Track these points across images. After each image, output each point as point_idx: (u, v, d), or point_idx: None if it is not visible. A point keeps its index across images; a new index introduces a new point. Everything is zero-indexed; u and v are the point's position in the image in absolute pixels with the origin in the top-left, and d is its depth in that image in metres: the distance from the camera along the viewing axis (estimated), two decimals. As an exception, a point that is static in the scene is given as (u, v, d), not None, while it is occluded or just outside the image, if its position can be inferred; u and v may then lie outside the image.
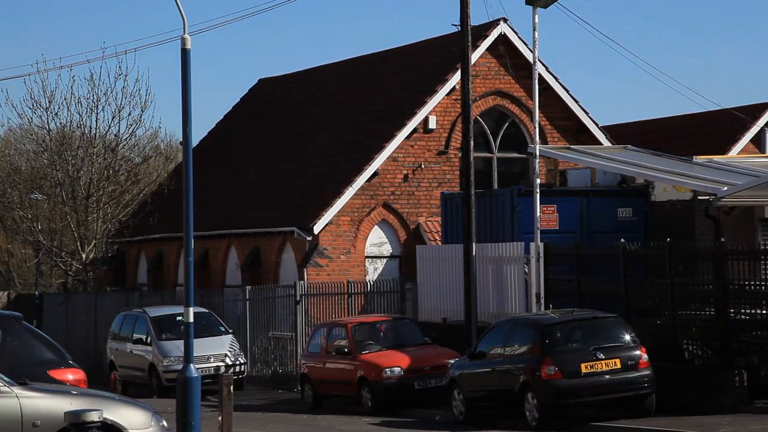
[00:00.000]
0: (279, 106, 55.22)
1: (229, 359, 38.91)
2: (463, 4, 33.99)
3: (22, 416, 14.45)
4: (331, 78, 53.39)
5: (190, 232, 23.84)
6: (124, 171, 56.50)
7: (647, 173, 35.83)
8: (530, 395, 27.29)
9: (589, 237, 34.32)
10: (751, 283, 29.18)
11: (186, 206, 23.70)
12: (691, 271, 30.48)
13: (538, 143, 34.98)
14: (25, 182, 57.97)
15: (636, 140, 43.49)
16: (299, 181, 46.81)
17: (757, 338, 28.63)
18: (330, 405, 33.97)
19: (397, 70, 48.44)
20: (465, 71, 34.83)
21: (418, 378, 32.32)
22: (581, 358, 27.14)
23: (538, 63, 34.86)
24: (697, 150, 39.05)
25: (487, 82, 44.72)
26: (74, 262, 56.23)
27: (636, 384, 27.19)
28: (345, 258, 43.73)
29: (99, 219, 55.23)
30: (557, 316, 28.99)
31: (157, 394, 37.79)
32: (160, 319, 40.55)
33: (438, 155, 44.80)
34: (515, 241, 34.20)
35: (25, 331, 21.58)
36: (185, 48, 23.80)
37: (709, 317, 29.48)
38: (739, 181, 31.76)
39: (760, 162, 37.31)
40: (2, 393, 14.50)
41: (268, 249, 46.44)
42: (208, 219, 44.74)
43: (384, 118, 45.56)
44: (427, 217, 44.09)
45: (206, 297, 43.34)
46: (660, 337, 29.16)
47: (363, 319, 35.80)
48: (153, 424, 15.30)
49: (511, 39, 44.83)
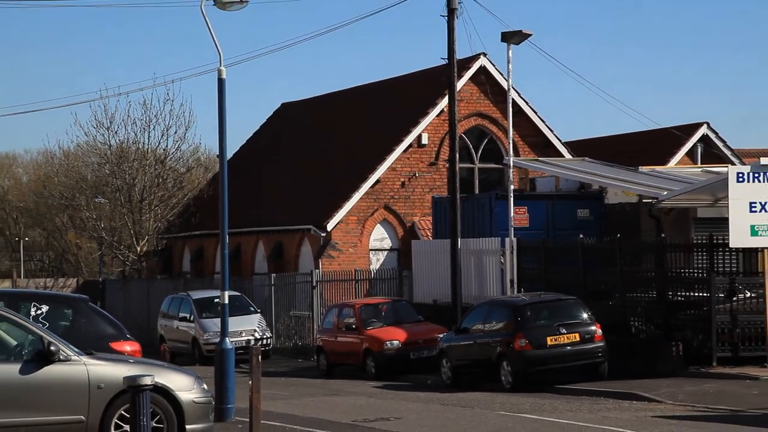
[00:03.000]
0: (298, 126, 55.19)
1: (258, 334, 38.93)
2: (450, 42, 34.01)
3: (89, 380, 14.48)
4: (341, 102, 53.34)
5: (225, 229, 23.90)
6: (171, 179, 56.45)
7: (601, 180, 35.89)
8: (505, 363, 27.35)
9: (553, 233, 34.35)
10: (685, 270, 29.27)
11: (222, 208, 23.76)
12: (637, 261, 30.57)
13: (511, 156, 35.09)
14: (91, 188, 57.99)
15: (592, 153, 43.48)
16: (314, 188, 46.82)
17: (690, 316, 28.69)
18: (340, 372, 33.98)
19: (396, 95, 48.39)
20: (451, 97, 34.85)
21: (413, 349, 32.33)
22: (547, 333, 27.20)
23: (512, 90, 34.88)
24: (642, 161, 39.03)
25: (470, 105, 44.73)
26: (131, 254, 56.22)
27: (592, 354, 27.27)
28: (353, 251, 43.77)
29: (151, 219, 55.22)
30: (527, 298, 29.05)
31: (198, 363, 37.82)
32: (201, 301, 40.56)
33: (429, 166, 44.83)
34: (493, 236, 34.20)
35: (91, 311, 21.63)
36: (221, 78, 23.83)
37: (651, 299, 29.55)
38: (676, 187, 31.80)
39: (693, 171, 37.35)
40: (73, 361, 14.54)
41: (289, 243, 46.47)
42: (239, 219, 44.74)
43: (384, 135, 45.57)
44: (420, 216, 44.11)
45: (238, 283, 43.33)
46: (612, 315, 29.18)
47: (368, 301, 35.83)
48: (195, 386, 15.34)
49: (489, 70, 44.84)
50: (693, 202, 32.35)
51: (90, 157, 58.87)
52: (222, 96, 23.79)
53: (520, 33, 32.17)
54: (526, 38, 32.39)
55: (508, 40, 32.22)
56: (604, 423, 20.02)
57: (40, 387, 14.28)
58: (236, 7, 24.13)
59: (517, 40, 32.28)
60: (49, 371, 14.36)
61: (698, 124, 47.93)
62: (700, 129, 47.63)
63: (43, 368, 14.35)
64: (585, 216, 35.28)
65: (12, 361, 14.44)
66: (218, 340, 23.48)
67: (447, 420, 21.42)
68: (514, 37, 32.18)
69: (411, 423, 20.94)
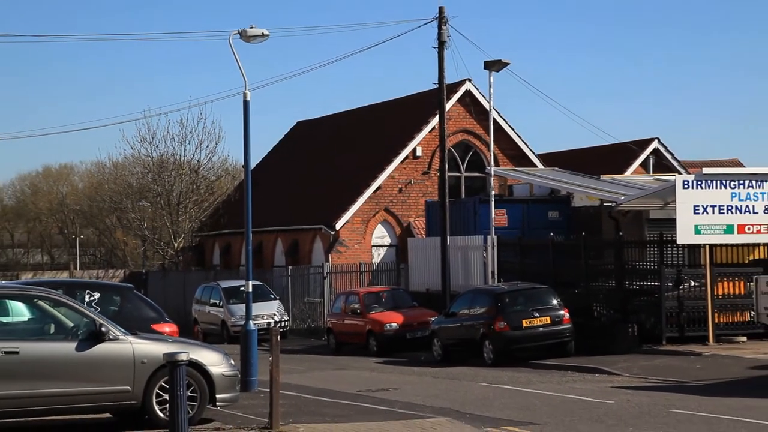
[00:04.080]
0: (311, 141, 55.19)
1: (277, 317, 38.90)
2: (440, 69, 34.01)
3: (134, 356, 14.47)
4: (347, 120, 53.37)
5: (249, 228, 23.90)
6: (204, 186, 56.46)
7: (568, 187, 35.89)
8: (487, 342, 27.35)
9: (528, 232, 34.33)
10: (640, 263, 29.27)
11: (246, 210, 23.77)
12: (599, 256, 30.55)
13: (492, 166, 35.09)
14: (135, 194, 58.01)
15: (561, 164, 43.53)
16: (325, 193, 46.81)
17: (644, 302, 28.71)
18: (347, 349, 33.99)
19: (394, 114, 48.42)
20: (441, 116, 34.86)
21: (409, 330, 32.34)
22: (523, 317, 27.19)
23: (493, 110, 34.89)
24: (603, 171, 39.04)
25: (457, 123, 44.73)
26: (169, 250, 56.23)
27: (561, 334, 27.26)
28: (357, 247, 43.76)
29: (186, 219, 55.22)
30: (506, 287, 29.03)
31: (226, 342, 37.79)
32: (228, 290, 40.55)
33: (423, 174, 44.82)
34: (477, 235, 34.23)
35: (136, 298, 21.62)
36: (246, 101, 23.84)
37: (611, 287, 29.54)
38: (632, 193, 31.80)
39: (646, 179, 37.37)
40: (120, 340, 14.54)
41: (303, 240, 46.46)
42: (261, 220, 44.74)
43: (384, 148, 45.57)
44: (415, 217, 44.09)
45: (260, 274, 43.34)
46: (577, 301, 29.17)
47: (370, 289, 35.85)
48: (224, 362, 15.33)
49: (473, 93, 44.83)
50: (646, 206, 32.37)
51: (135, 167, 58.90)
52: (246, 115, 23.80)
53: (500, 62, 32.17)
54: (505, 66, 32.39)
55: (489, 68, 32.23)
56: (570, 393, 20.02)
57: (93, 362, 14.28)
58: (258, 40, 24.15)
59: (497, 67, 32.29)
60: (101, 349, 14.36)
61: (651, 139, 48.00)
62: (652, 143, 47.72)
63: (96, 346, 14.35)
64: (555, 217, 35.28)
65: (69, 339, 14.44)
66: (243, 323, 23.51)
67: (438, 390, 21.42)
68: (494, 65, 32.18)
69: (407, 393, 20.94)
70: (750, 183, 26.60)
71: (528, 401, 18.86)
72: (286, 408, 16.59)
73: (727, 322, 27.47)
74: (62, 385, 14.10)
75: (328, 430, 14.83)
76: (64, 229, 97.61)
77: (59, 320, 14.74)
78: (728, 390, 19.68)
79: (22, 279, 62.02)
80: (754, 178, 26.79)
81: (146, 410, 14.51)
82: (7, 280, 56.00)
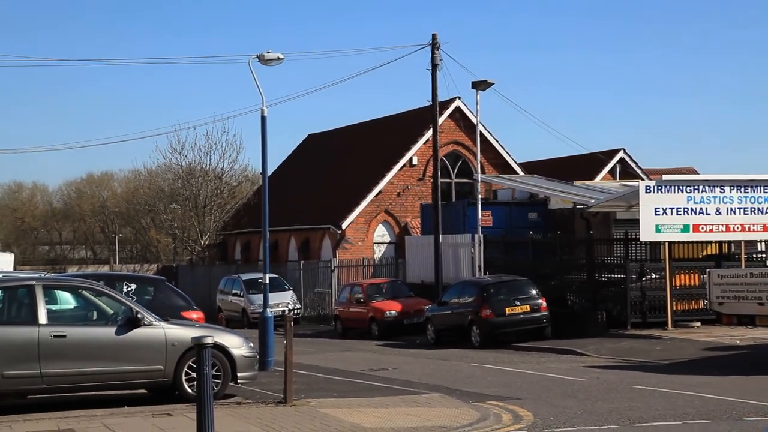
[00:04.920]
0: (320, 151, 55.18)
1: (290, 305, 38.88)
2: (433, 89, 34.05)
3: (166, 340, 14.50)
4: (353, 133, 53.31)
5: (266, 227, 23.94)
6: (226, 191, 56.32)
7: (546, 191, 35.88)
8: (475, 328, 27.39)
9: (510, 231, 34.31)
10: (608, 258, 29.34)
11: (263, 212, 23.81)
12: (572, 252, 30.60)
13: (479, 173, 35.15)
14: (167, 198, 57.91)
15: (539, 171, 43.53)
16: (332, 197, 46.82)
17: (611, 292, 28.73)
18: (352, 334, 33.99)
19: (393, 128, 48.40)
20: (434, 129, 34.91)
21: (406, 317, 32.35)
22: (506, 305, 27.23)
23: (480, 125, 34.92)
24: (576, 177, 39.06)
25: (448, 135, 44.74)
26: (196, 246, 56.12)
27: (539, 320, 27.31)
28: (361, 244, 43.76)
29: (211, 220, 55.13)
30: (491, 279, 29.07)
31: (246, 327, 37.73)
32: (248, 281, 40.54)
33: (418, 181, 44.80)
34: (465, 233, 34.24)
35: (167, 288, 21.60)
36: (263, 116, 23.86)
37: (583, 279, 29.60)
38: (601, 197, 31.82)
39: (613, 185, 37.29)
40: (154, 326, 14.57)
41: (313, 238, 46.47)
42: (277, 220, 44.77)
43: (385, 157, 45.56)
44: (411, 218, 44.10)
45: (276, 268, 43.36)
46: (553, 292, 29.20)
47: (372, 281, 35.86)
48: (244, 345, 15.36)
49: (462, 109, 44.84)
50: (613, 208, 32.40)
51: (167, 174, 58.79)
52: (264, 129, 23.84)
53: (485, 82, 32.21)
54: (490, 86, 32.42)
55: (476, 87, 32.27)
56: (547, 371, 20.06)
57: (130, 344, 14.32)
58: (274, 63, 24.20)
59: (483, 87, 32.32)
60: (137, 333, 14.40)
61: (617, 149, 47.94)
62: (618, 153, 47.62)
63: (132, 331, 14.39)
64: (534, 218, 35.28)
65: (110, 325, 14.48)
66: (261, 311, 23.54)
67: (432, 369, 21.46)
68: (480, 85, 32.22)
69: (405, 372, 20.97)
70: (703, 188, 26.67)
71: (510, 379, 18.90)
72: (298, 385, 16.64)
73: (684, 309, 27.51)
74: (104, 364, 14.15)
75: (336, 405, 14.89)
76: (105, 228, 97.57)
77: (101, 308, 14.79)
78: (684, 368, 19.74)
79: (68, 272, 62.03)
80: (707, 184, 26.86)
81: (176, 386, 14.57)
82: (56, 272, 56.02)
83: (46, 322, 14.08)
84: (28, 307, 14.24)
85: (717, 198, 26.64)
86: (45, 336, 13.92)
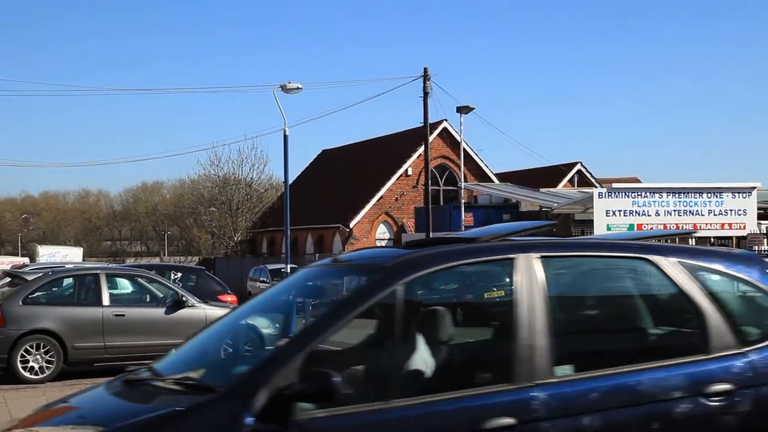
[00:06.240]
0: (333, 163, 55.16)
1: (308, 291, 38.77)
2: (425, 112, 33.87)
3: (206, 318, 14.48)
4: (359, 148, 53.20)
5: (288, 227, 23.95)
6: (255, 197, 56.36)
7: (517, 197, 35.87)
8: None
9: (488, 230, 34.29)
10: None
11: (285, 214, 23.81)
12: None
13: (463, 182, 35.08)
14: (207, 202, 57.96)
15: (512, 180, 43.52)
16: (342, 201, 46.74)
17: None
18: (359, 313, 33.81)
19: (391, 144, 48.34)
20: (426, 146, 34.77)
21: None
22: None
23: (463, 142, 34.83)
24: (541, 185, 39.07)
25: (438, 151, 44.64)
26: (231, 242, 56.18)
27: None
28: (366, 240, 43.58)
29: (242, 221, 55.16)
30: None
31: (272, 309, 37.68)
32: (273, 271, 39.90)
33: (412, 188, 44.72)
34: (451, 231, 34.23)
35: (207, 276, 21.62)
36: (285, 135, 23.89)
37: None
38: (562, 201, 31.84)
39: (572, 191, 37.33)
40: (196, 307, 14.58)
41: (326, 235, 46.38)
42: (296, 220, 44.70)
43: (385, 169, 45.51)
44: (407, 219, 44.04)
45: (296, 260, 43.01)
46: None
47: (375, 270, 35.72)
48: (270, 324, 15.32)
49: (449, 129, 44.71)
50: (572, 210, 32.39)
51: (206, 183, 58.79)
52: (286, 146, 23.85)
53: (468, 107, 32.20)
54: (471, 110, 32.42)
55: (460, 111, 32.27)
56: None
57: (177, 322, 14.32)
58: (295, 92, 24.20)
59: (466, 111, 32.32)
60: (182, 313, 14.40)
61: (575, 162, 47.88)
62: (576, 165, 47.57)
63: (178, 311, 14.39)
64: (507, 219, 35.14)
65: (160, 306, 14.48)
66: (284, 294, 23.44)
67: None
68: (464, 109, 32.22)
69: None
70: (645, 194, 26.68)
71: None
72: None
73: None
74: (155, 338, 14.13)
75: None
76: (156, 227, 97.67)
77: (153, 292, 14.79)
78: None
79: (126, 263, 62.07)
80: (648, 190, 26.86)
81: (215, 357, 14.54)
82: (117, 264, 56.01)
83: (108, 303, 14.08)
84: (94, 292, 14.27)
85: (656, 202, 26.63)
86: (108, 315, 13.94)
